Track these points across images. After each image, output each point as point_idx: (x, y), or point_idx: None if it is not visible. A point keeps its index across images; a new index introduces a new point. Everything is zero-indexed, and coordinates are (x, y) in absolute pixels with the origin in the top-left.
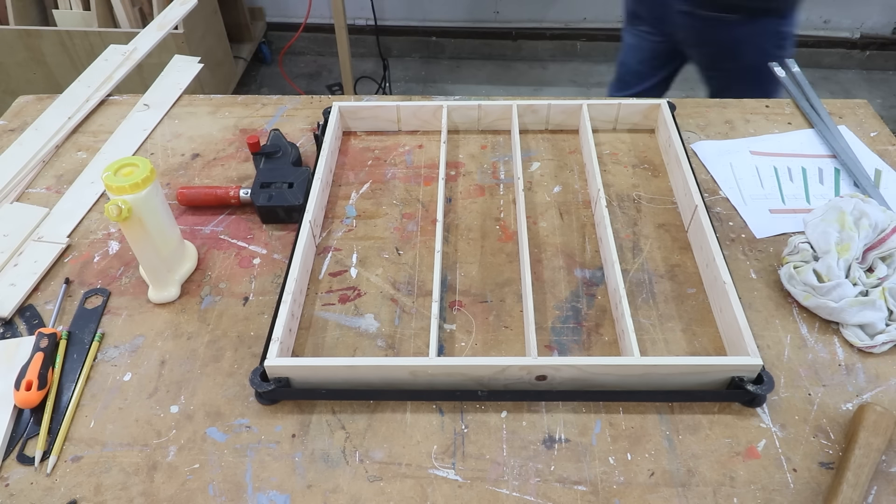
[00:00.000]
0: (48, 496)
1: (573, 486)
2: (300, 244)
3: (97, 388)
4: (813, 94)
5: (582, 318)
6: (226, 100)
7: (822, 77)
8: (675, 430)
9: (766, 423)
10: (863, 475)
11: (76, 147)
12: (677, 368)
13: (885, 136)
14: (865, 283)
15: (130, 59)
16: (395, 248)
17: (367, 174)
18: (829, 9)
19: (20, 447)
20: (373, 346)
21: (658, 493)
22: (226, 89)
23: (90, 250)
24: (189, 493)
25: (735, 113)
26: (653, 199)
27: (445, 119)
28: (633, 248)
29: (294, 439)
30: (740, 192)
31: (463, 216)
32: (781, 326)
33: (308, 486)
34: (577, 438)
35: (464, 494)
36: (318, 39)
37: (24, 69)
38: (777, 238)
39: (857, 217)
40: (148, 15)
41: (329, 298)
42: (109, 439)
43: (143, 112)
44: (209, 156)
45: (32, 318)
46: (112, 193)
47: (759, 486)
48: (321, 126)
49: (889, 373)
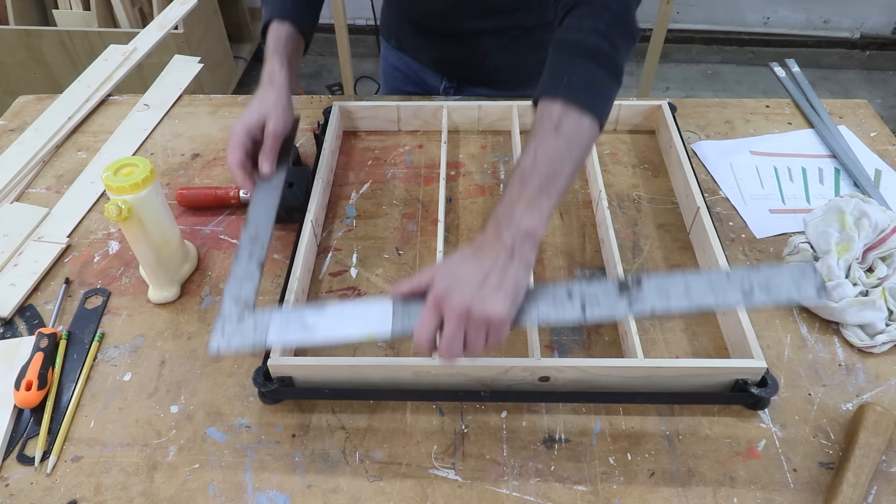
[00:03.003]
0: (48, 496)
1: (573, 486)
2: (302, 243)
3: (97, 388)
4: (813, 94)
5: None
6: (226, 100)
7: (822, 77)
8: (675, 431)
9: (766, 423)
10: (863, 475)
11: (76, 147)
12: (681, 371)
13: (885, 136)
14: (865, 283)
15: (130, 59)
16: (395, 248)
17: (367, 174)
18: (829, 9)
19: (20, 447)
20: (373, 345)
21: (658, 493)
22: (226, 89)
23: (90, 250)
24: (189, 493)
25: (735, 113)
26: (653, 199)
27: (446, 119)
28: (633, 248)
29: (294, 439)
30: (740, 192)
31: (463, 216)
32: (781, 326)
33: (308, 486)
34: (577, 438)
35: (464, 494)
36: (318, 39)
37: (24, 69)
38: (777, 238)
39: (857, 217)
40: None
41: (329, 298)
42: (109, 439)
43: (143, 112)
44: (209, 156)
45: (32, 318)
46: (112, 193)
47: (759, 486)
48: (321, 126)
49: (889, 373)
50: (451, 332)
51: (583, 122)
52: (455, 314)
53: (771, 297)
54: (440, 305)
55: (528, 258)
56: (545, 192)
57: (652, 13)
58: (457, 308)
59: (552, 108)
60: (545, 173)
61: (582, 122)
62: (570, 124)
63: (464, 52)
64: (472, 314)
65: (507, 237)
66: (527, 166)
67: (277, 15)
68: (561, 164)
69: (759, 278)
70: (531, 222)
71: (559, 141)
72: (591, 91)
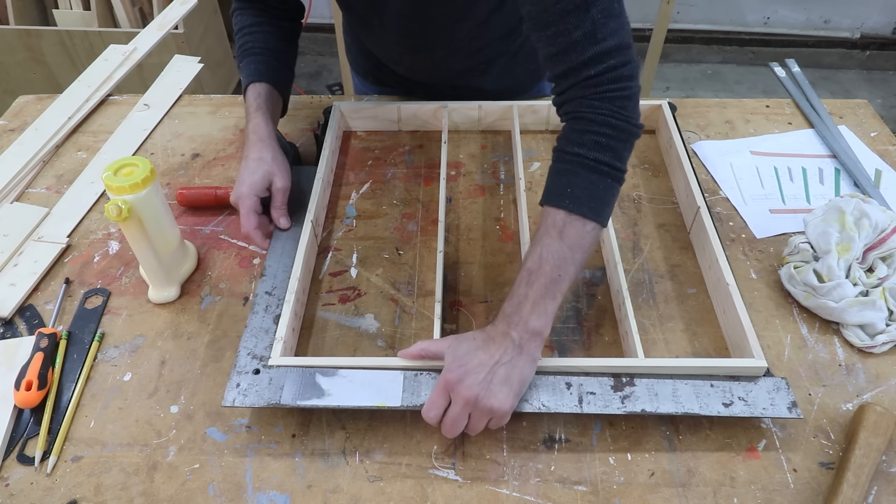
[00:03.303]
0: (48, 496)
1: (573, 486)
2: (302, 243)
3: (97, 388)
4: (813, 94)
5: (582, 318)
6: (226, 100)
7: (822, 77)
8: (675, 430)
9: (767, 423)
10: (863, 475)
11: (76, 147)
12: (681, 370)
13: (885, 136)
14: (866, 283)
15: (130, 59)
16: (395, 248)
17: (367, 174)
18: (829, 9)
19: (20, 447)
20: (373, 346)
21: (658, 493)
22: (226, 89)
23: (90, 250)
24: (189, 493)
25: (735, 113)
26: (653, 199)
27: (446, 119)
28: (633, 248)
29: (294, 439)
30: (740, 192)
31: (463, 216)
32: (782, 326)
33: (308, 486)
34: (577, 438)
35: (464, 494)
36: (318, 39)
37: (24, 69)
38: (777, 238)
39: (857, 217)
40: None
41: (329, 298)
42: (109, 439)
43: (143, 112)
44: (209, 156)
45: (32, 318)
46: (112, 193)
47: (759, 486)
48: (321, 126)
49: (889, 373)
50: (456, 413)
51: (585, 227)
52: (462, 400)
53: (748, 410)
54: (450, 390)
55: (535, 355)
56: (550, 294)
57: (652, 13)
58: (465, 395)
59: (556, 215)
60: (550, 276)
61: (585, 227)
62: (573, 231)
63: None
64: (478, 404)
65: (515, 335)
66: (533, 268)
67: (256, 78)
68: (565, 268)
69: (739, 391)
70: (538, 324)
71: (563, 246)
72: (594, 199)
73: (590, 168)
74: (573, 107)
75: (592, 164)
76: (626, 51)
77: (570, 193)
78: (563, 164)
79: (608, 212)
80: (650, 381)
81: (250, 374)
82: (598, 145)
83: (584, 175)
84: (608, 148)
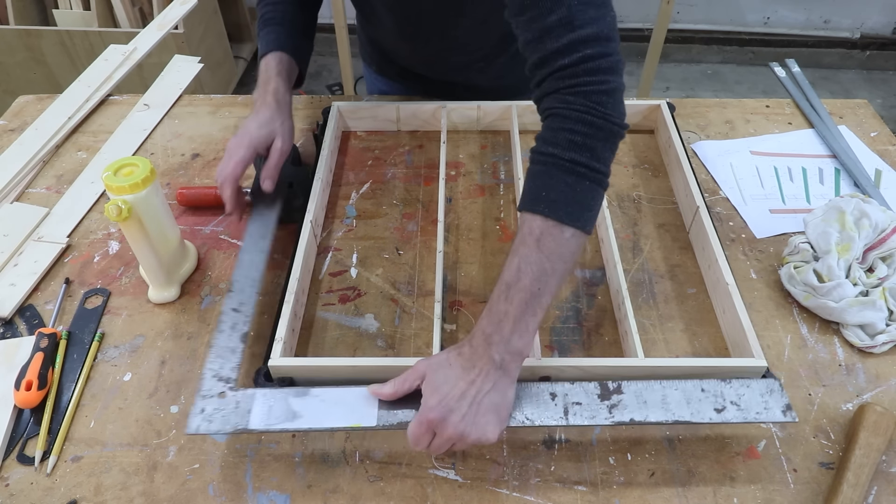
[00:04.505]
0: (48, 496)
1: (573, 486)
2: (302, 243)
3: (97, 388)
4: (813, 94)
5: (582, 318)
6: (226, 100)
7: (822, 77)
8: (674, 430)
9: (766, 423)
10: (863, 475)
11: (76, 147)
12: (681, 370)
13: (885, 136)
14: (866, 283)
15: (130, 59)
16: (395, 248)
17: (367, 174)
18: (829, 9)
19: (20, 447)
20: (373, 346)
21: (658, 493)
22: (226, 89)
23: (90, 250)
24: (189, 493)
25: (735, 113)
26: (653, 199)
27: (445, 119)
28: (633, 248)
29: (294, 439)
30: (740, 192)
31: (463, 216)
32: (782, 326)
33: (308, 486)
34: (577, 438)
35: (464, 494)
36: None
37: (24, 69)
38: (777, 238)
39: (857, 217)
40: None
41: (329, 298)
42: (109, 439)
43: (143, 112)
44: (209, 156)
45: (32, 318)
46: (112, 193)
47: (759, 486)
48: (321, 126)
49: (889, 373)
50: (442, 444)
51: (564, 234)
52: (447, 437)
53: (741, 415)
54: (433, 428)
55: (514, 375)
56: (530, 310)
57: (652, 13)
58: (450, 433)
59: (532, 222)
60: (530, 290)
61: (563, 235)
62: (551, 240)
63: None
64: (465, 439)
65: (497, 356)
66: (511, 281)
67: (277, 47)
68: (545, 281)
69: (731, 394)
70: (520, 343)
71: (542, 256)
72: (571, 204)
73: (565, 169)
74: (548, 103)
75: (568, 164)
76: (606, 42)
77: (545, 197)
78: (537, 165)
79: (590, 217)
80: (638, 388)
81: (215, 398)
82: (574, 144)
83: (560, 177)
84: (584, 147)
